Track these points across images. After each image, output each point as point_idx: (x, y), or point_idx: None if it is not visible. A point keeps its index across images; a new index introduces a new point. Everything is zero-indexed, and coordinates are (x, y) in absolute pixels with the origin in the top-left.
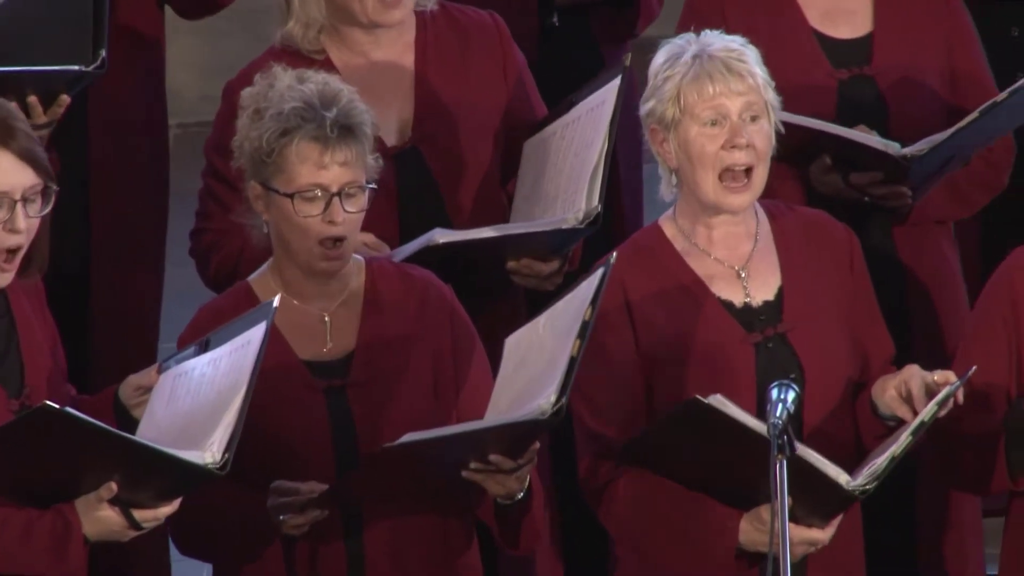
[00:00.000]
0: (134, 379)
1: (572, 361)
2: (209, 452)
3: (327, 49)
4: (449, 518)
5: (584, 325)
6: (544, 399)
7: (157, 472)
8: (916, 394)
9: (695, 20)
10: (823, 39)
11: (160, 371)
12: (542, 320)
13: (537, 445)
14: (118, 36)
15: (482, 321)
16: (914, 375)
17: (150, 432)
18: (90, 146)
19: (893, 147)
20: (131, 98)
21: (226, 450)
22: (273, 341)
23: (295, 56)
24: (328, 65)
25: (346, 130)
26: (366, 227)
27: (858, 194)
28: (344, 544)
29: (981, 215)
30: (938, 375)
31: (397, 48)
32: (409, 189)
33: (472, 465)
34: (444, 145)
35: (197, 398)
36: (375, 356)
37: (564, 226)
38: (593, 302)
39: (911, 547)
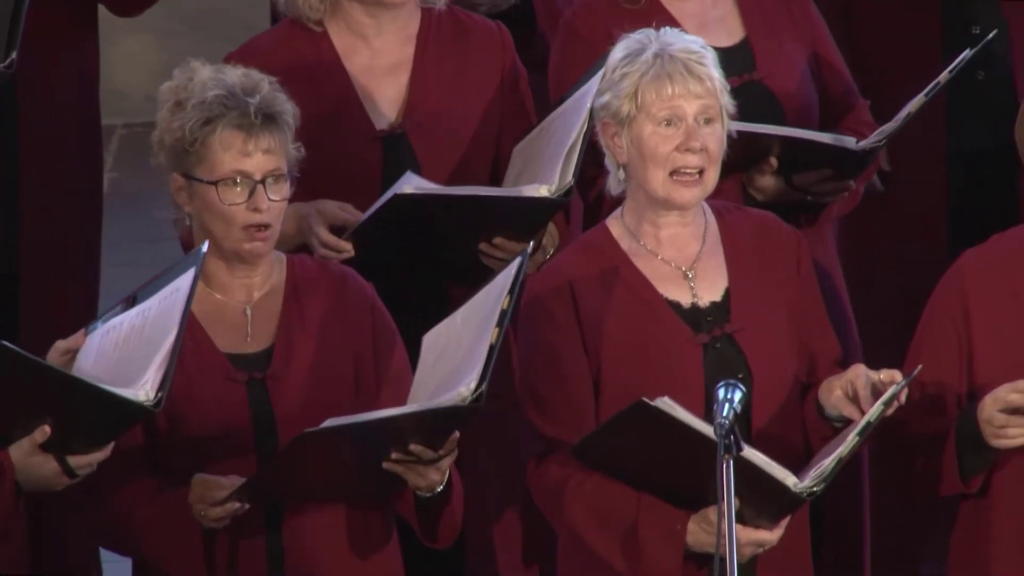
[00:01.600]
0: (62, 344)
1: (491, 349)
2: (143, 390)
3: (328, 27)
4: (369, 514)
5: (503, 314)
6: (464, 386)
7: (90, 411)
8: (862, 393)
9: (579, 45)
10: None
11: (87, 333)
12: (459, 315)
13: (457, 435)
14: (49, 34)
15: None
16: (860, 374)
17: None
18: (21, 146)
19: (849, 142)
20: (63, 97)
21: (159, 389)
22: (194, 333)
23: (298, 32)
24: (328, 45)
25: (269, 118)
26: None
27: (800, 194)
28: (264, 539)
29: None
30: (884, 374)
31: (399, 38)
32: (394, 174)
33: (393, 456)
34: (433, 136)
35: (127, 345)
36: (295, 349)
37: (536, 194)
38: (511, 291)
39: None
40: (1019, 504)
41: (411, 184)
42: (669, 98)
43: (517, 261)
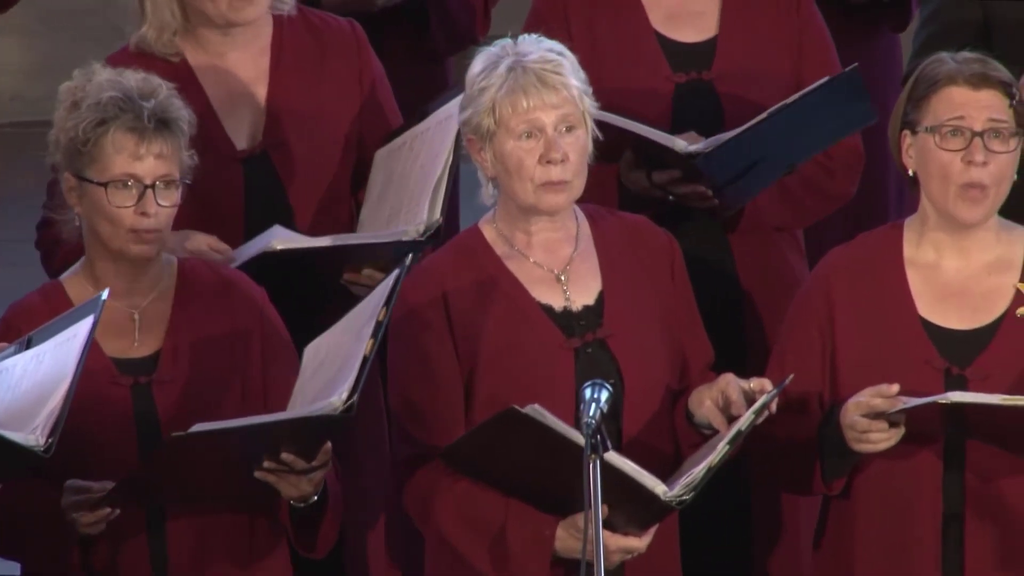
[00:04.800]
0: None
1: (365, 360)
2: (33, 436)
3: (184, 51)
4: (255, 517)
5: (378, 325)
6: (336, 396)
7: None
8: (735, 399)
9: (541, 25)
10: (665, 42)
11: None
12: (340, 326)
13: (330, 447)
14: None
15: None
16: (730, 383)
17: None
18: None
19: (679, 144)
20: None
21: (50, 435)
22: None
23: (150, 59)
24: (185, 66)
25: (163, 123)
26: (211, 230)
27: (663, 193)
28: (147, 542)
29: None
30: (754, 383)
31: (252, 50)
32: (256, 194)
33: (265, 464)
34: (294, 151)
35: (18, 392)
36: (182, 354)
37: (404, 238)
38: (387, 303)
39: (747, 548)
40: (880, 506)
41: (279, 238)
42: (525, 111)
43: (395, 274)
